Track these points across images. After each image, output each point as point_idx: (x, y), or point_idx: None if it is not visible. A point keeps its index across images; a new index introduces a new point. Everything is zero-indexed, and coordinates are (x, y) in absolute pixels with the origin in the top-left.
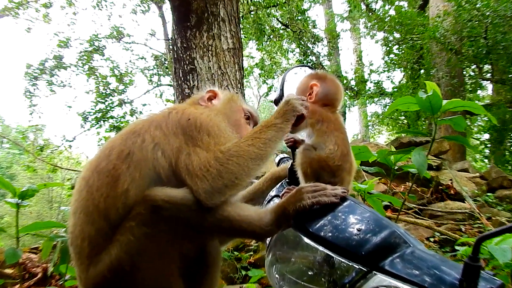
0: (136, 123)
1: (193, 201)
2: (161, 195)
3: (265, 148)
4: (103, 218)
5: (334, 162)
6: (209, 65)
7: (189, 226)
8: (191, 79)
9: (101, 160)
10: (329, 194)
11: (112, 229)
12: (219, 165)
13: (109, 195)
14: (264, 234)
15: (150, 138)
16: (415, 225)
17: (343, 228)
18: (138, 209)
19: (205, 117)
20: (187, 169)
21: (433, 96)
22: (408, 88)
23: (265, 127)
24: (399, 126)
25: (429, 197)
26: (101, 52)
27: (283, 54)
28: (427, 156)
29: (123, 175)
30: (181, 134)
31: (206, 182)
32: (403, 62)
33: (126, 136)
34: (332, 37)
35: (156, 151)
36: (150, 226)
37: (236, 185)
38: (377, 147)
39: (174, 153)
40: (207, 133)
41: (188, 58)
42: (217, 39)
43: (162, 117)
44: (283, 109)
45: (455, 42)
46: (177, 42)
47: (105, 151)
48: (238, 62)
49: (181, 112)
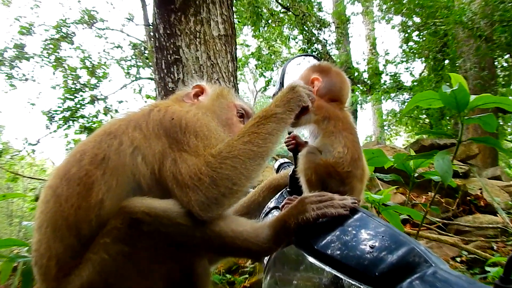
0: (112, 123)
1: (179, 213)
2: (141, 206)
3: (265, 144)
4: (74, 233)
5: (343, 167)
6: (197, 54)
7: (173, 243)
8: (175, 72)
9: (71, 166)
10: (337, 205)
11: (84, 246)
12: (211, 171)
13: (80, 206)
14: (261, 252)
15: (128, 140)
16: (438, 242)
17: (353, 245)
18: (114, 222)
19: (191, 116)
20: (174, 178)
21: (459, 91)
22: (430, 81)
23: (264, 118)
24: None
25: (455, 209)
26: (70, 40)
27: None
28: (452, 162)
29: (97, 183)
30: (164, 136)
31: (199, 192)
32: (424, 51)
33: (100, 138)
34: (341, 21)
35: (136, 156)
36: (128, 243)
37: (235, 192)
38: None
39: (157, 158)
40: (194, 135)
41: (172, 46)
42: (206, 24)
43: (141, 116)
44: (287, 96)
45: (485, 27)
46: (159, 28)
47: (75, 155)
48: (230, 52)
49: (164, 110)
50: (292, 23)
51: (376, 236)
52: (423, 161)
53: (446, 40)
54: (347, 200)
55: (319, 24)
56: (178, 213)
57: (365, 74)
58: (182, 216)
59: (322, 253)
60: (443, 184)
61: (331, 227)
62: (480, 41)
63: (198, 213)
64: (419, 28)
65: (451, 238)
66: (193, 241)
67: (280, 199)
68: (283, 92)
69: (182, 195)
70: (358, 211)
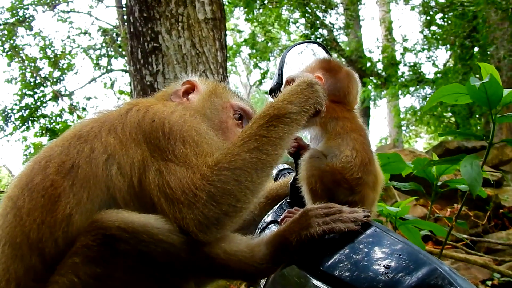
0: (83, 125)
1: (161, 230)
2: (115, 220)
3: (274, 151)
4: (36, 253)
5: (352, 173)
6: (179, 42)
7: (154, 264)
8: (154, 62)
9: (34, 174)
10: (347, 219)
11: (49, 268)
12: (208, 185)
13: (44, 221)
14: (257, 274)
15: (101, 146)
16: (466, 263)
17: (365, 265)
18: (84, 240)
19: (176, 118)
20: (162, 192)
21: (491, 84)
22: (456, 72)
23: (275, 118)
24: (444, 126)
25: (485, 224)
26: (28, 25)
27: (282, 26)
28: (482, 168)
29: (65, 196)
30: (144, 142)
31: (195, 210)
32: (449, 37)
33: (69, 143)
34: (351, 2)
35: (110, 166)
36: (101, 264)
37: (239, 210)
38: (413, 155)
39: (136, 169)
40: (181, 141)
41: (149, 32)
42: (190, 5)
43: (117, 117)
44: (304, 94)
45: None
46: (134, 10)
47: (40, 162)
48: (219, 38)
49: (144, 111)
50: (293, 4)
51: (392, 254)
52: (448, 167)
53: (475, 24)
54: (358, 212)
55: (324, 5)
56: (160, 230)
57: (379, 65)
58: (164, 232)
59: (329, 275)
60: (471, 195)
61: (339, 244)
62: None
63: (196, 234)
64: (444, 10)
65: (481, 258)
66: (177, 262)
67: (279, 211)
68: (300, 87)
69: (174, 211)
70: (371, 226)
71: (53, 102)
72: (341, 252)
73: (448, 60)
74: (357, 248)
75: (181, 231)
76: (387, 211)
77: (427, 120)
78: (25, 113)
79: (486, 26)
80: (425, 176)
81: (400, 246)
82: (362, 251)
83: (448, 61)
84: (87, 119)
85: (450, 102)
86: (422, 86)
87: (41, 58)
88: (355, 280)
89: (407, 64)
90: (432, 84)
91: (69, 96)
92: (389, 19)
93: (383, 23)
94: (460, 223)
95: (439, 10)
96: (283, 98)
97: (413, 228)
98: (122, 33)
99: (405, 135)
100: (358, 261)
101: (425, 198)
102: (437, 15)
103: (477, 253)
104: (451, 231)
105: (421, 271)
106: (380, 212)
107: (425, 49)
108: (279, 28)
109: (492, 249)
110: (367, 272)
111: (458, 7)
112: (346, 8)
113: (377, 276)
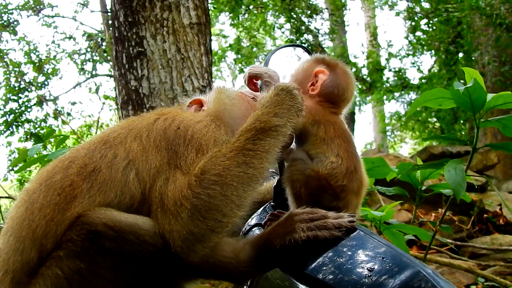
0: (112, 130)
1: (147, 231)
2: (103, 217)
3: (261, 165)
4: (36, 248)
5: (337, 181)
6: (164, 46)
7: (139, 264)
8: (138, 67)
9: (55, 172)
10: (331, 225)
11: (42, 264)
12: (193, 197)
13: (54, 218)
14: (241, 276)
15: (124, 152)
16: (450, 267)
17: (349, 268)
18: (70, 234)
19: (201, 126)
20: (160, 201)
21: (475, 89)
22: (441, 78)
23: (261, 132)
24: (429, 132)
25: (469, 229)
26: (13, 29)
27: (267, 31)
28: (466, 172)
29: (81, 197)
30: (165, 148)
31: (180, 222)
32: (434, 43)
33: (95, 147)
34: (336, 7)
35: (129, 172)
36: (85, 260)
37: (225, 225)
38: (398, 160)
39: (151, 175)
40: (196, 149)
41: (134, 37)
42: (175, 10)
43: (146, 124)
44: (287, 102)
45: (506, 14)
46: (119, 15)
47: (64, 161)
48: (204, 43)
49: (171, 119)
50: (278, 9)
51: (375, 257)
52: (432, 172)
53: (460, 30)
54: (343, 218)
55: (309, 11)
56: (146, 231)
57: (364, 70)
58: (151, 235)
59: (313, 278)
60: (455, 199)
61: (323, 247)
62: (500, 30)
63: (179, 250)
64: (428, 15)
65: (465, 263)
66: (162, 264)
67: (263, 215)
68: (280, 96)
69: (165, 221)
70: (355, 229)
71: (38, 107)
72: (324, 255)
73: (432, 65)
74: (340, 251)
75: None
76: (371, 215)
77: (412, 125)
78: (9, 118)
79: (470, 32)
80: (409, 181)
81: (384, 249)
82: (346, 254)
83: (432, 66)
84: (116, 125)
85: (435, 106)
86: (407, 92)
87: (26, 63)
88: (339, 283)
89: (392, 69)
90: (417, 89)
91: (53, 101)
92: (374, 25)
93: (368, 29)
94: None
95: (424, 16)
96: (268, 111)
97: (397, 233)
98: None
99: (390, 140)
100: (342, 264)
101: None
102: (422, 20)
103: (461, 258)
104: (435, 235)
105: (404, 274)
106: (364, 217)
107: (410, 55)
108: (264, 33)
109: (476, 254)
110: (350, 275)
111: (443, 13)
112: (331, 13)
113: (361, 279)
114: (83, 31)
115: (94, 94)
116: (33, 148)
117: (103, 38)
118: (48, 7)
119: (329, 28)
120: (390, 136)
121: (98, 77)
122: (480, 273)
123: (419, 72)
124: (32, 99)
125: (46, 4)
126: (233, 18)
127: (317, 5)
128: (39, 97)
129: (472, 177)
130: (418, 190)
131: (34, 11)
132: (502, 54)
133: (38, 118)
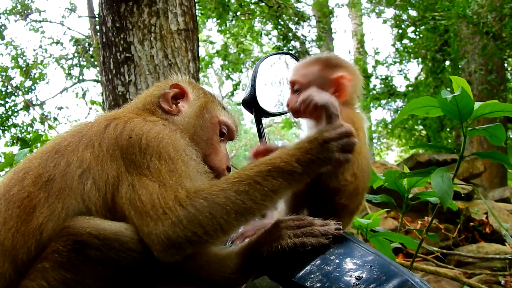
0: (62, 138)
1: (132, 239)
2: (87, 227)
3: (263, 201)
4: (9, 259)
5: (341, 199)
6: (152, 52)
7: (125, 272)
8: (126, 72)
9: (12, 185)
10: (317, 232)
11: (20, 274)
12: (179, 210)
13: (19, 230)
14: (228, 284)
15: (77, 161)
16: (436, 275)
17: (336, 276)
18: (55, 245)
19: (154, 134)
20: (133, 206)
21: (462, 97)
22: (428, 86)
23: (277, 171)
24: (415, 139)
25: (455, 237)
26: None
27: (254, 38)
28: (453, 180)
29: (40, 207)
30: (120, 157)
31: (160, 227)
32: (421, 50)
33: (47, 156)
34: (323, 14)
35: (85, 181)
36: (71, 270)
37: (203, 242)
38: (384, 167)
39: (110, 185)
40: (157, 157)
41: (122, 42)
42: (163, 16)
43: (96, 132)
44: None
45: (493, 22)
46: (107, 20)
47: (18, 173)
48: (192, 49)
49: (122, 126)
50: (265, 16)
51: (363, 266)
52: (419, 180)
53: (447, 38)
54: (330, 226)
55: (297, 18)
56: (130, 238)
57: None
58: (135, 242)
59: (300, 286)
60: (442, 207)
61: (311, 255)
62: (487, 38)
63: (157, 252)
64: (415, 23)
65: (451, 271)
66: (148, 271)
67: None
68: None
69: (142, 224)
70: (343, 237)
71: (25, 112)
72: (312, 263)
73: (419, 73)
74: (328, 259)
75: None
76: (358, 223)
77: (398, 133)
78: None
79: (457, 40)
80: (396, 189)
81: (372, 257)
82: (334, 262)
83: (419, 74)
84: (65, 132)
85: (422, 114)
86: (394, 99)
87: (13, 67)
88: None
89: (378, 77)
90: (403, 97)
91: (40, 106)
92: (361, 32)
93: (355, 36)
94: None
95: (411, 24)
96: (293, 153)
97: (384, 241)
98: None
99: (377, 147)
100: (330, 272)
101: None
102: (409, 28)
103: (447, 266)
104: (421, 243)
105: (392, 283)
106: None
107: (397, 62)
108: (251, 39)
109: (462, 262)
110: (338, 283)
111: (430, 21)
112: (319, 20)
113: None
114: (70, 36)
115: (81, 99)
116: (20, 153)
117: (91, 43)
118: (36, 12)
119: (316, 35)
120: (376, 143)
121: (85, 82)
122: (466, 281)
123: (406, 79)
124: (19, 104)
125: (33, 9)
126: (221, 24)
127: (304, 12)
128: (26, 101)
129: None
130: (405, 198)
131: (22, 16)
132: (488, 63)
133: (24, 123)
